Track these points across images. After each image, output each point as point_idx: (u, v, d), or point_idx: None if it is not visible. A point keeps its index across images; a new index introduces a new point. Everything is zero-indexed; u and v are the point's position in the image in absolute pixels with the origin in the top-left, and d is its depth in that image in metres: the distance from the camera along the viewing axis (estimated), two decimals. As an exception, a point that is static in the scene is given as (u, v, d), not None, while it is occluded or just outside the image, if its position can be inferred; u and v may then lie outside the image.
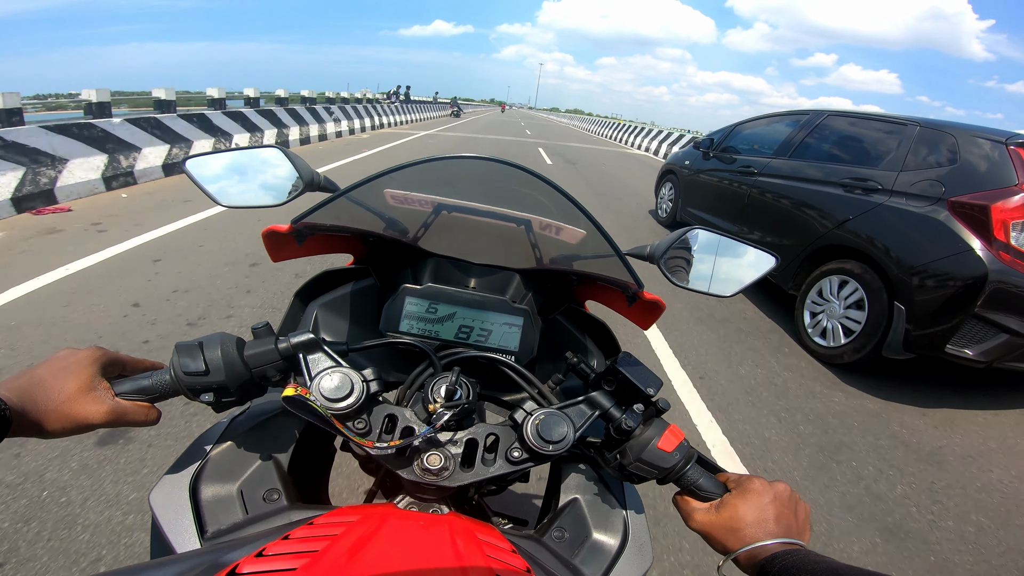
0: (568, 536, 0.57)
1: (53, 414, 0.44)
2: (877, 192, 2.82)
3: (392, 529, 0.41)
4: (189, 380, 0.49)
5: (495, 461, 0.54)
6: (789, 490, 0.53)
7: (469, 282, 0.72)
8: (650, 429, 0.53)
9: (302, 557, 0.34)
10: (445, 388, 0.54)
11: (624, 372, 0.56)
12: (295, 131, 9.58)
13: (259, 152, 0.73)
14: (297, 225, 0.64)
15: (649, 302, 0.69)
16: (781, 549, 0.46)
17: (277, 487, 0.54)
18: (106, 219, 4.21)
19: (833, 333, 2.89)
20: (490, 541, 0.43)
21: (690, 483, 0.54)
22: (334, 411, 0.49)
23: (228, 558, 0.34)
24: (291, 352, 0.51)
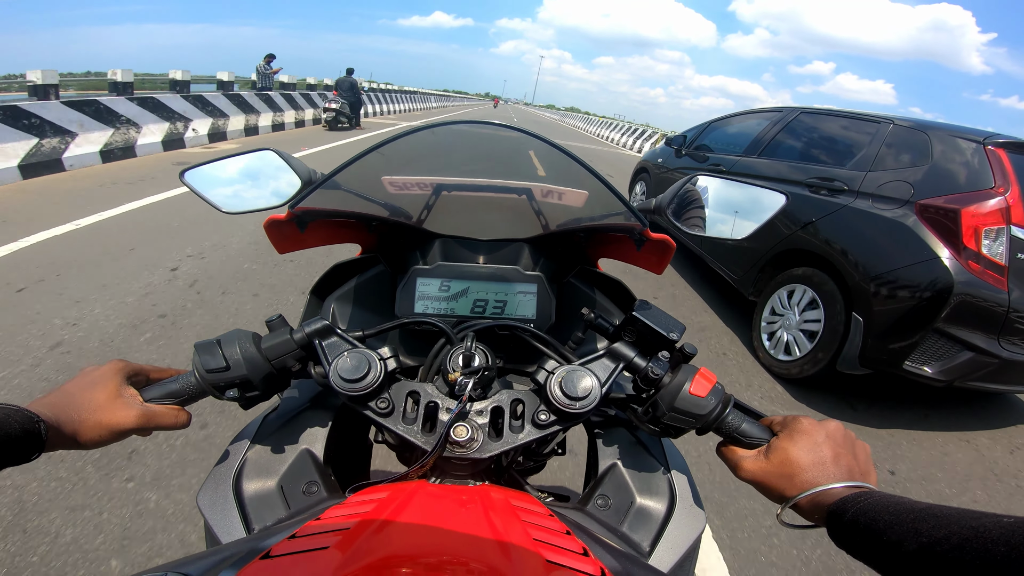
0: (613, 503, 0.56)
1: (86, 424, 0.46)
2: (843, 193, 2.60)
3: (423, 502, 0.40)
4: (212, 378, 0.50)
5: (523, 427, 0.52)
6: (843, 428, 0.50)
7: (479, 258, 0.73)
8: (679, 375, 0.51)
9: (335, 535, 0.35)
10: (462, 356, 0.53)
11: (643, 319, 0.54)
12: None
13: (254, 156, 0.73)
14: (295, 210, 0.63)
15: (657, 242, 0.68)
16: (849, 493, 0.42)
17: (315, 479, 0.55)
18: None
19: (787, 345, 2.75)
20: (525, 507, 0.42)
21: (732, 429, 0.52)
22: (354, 392, 0.49)
23: (265, 544, 0.35)
24: (307, 340, 0.52)
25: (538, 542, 0.36)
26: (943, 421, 2.61)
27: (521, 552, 0.35)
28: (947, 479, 2.15)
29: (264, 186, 0.74)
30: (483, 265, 0.71)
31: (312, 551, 0.33)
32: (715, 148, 4.34)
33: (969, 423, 2.65)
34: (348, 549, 0.33)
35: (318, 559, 0.33)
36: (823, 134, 3.23)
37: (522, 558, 0.34)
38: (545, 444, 0.69)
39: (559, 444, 0.77)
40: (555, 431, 0.53)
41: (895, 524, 0.37)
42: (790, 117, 3.52)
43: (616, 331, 0.58)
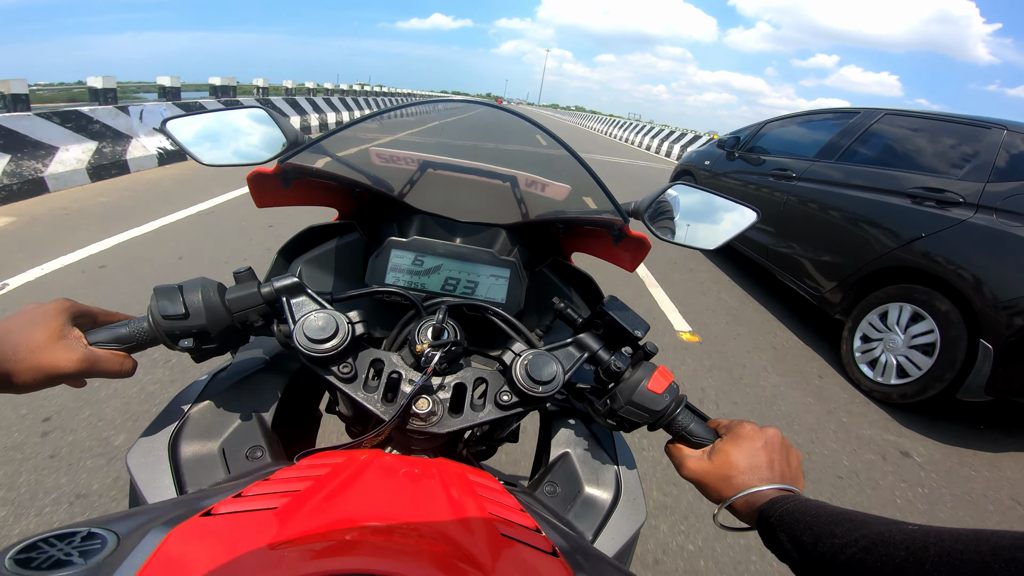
0: (560, 491, 0.58)
1: (22, 364, 0.44)
2: (957, 206, 2.31)
3: (379, 470, 0.40)
4: (168, 324, 0.48)
5: (484, 406, 0.53)
6: (780, 435, 0.53)
7: (456, 238, 0.74)
8: (639, 371, 0.54)
9: (283, 496, 0.34)
10: (432, 328, 0.54)
11: (611, 314, 0.57)
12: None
13: (243, 112, 0.73)
14: (284, 165, 0.64)
15: (634, 239, 0.71)
16: (778, 495, 0.47)
17: (261, 444, 0.54)
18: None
19: (890, 368, 2.61)
20: (482, 482, 0.43)
21: (681, 428, 0.55)
22: (318, 353, 0.48)
23: (204, 503, 0.34)
24: (274, 296, 0.52)
25: (493, 516, 0.37)
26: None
27: (477, 524, 0.35)
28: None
29: (248, 143, 0.74)
30: (458, 244, 0.72)
31: (258, 511, 0.32)
32: (774, 151, 4.22)
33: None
34: (298, 511, 0.32)
35: (264, 519, 0.31)
36: (918, 139, 3.01)
37: (478, 530, 0.34)
38: (501, 429, 0.71)
39: (512, 431, 0.79)
40: (515, 413, 0.54)
41: (814, 525, 0.41)
42: (872, 119, 3.28)
43: (584, 323, 0.61)
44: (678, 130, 18.53)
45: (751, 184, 4.15)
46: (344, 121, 11.36)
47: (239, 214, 4.19)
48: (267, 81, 9.47)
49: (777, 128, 4.38)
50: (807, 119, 4.10)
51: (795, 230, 3.52)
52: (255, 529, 0.30)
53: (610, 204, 0.66)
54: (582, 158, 0.66)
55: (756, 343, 3.14)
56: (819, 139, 3.70)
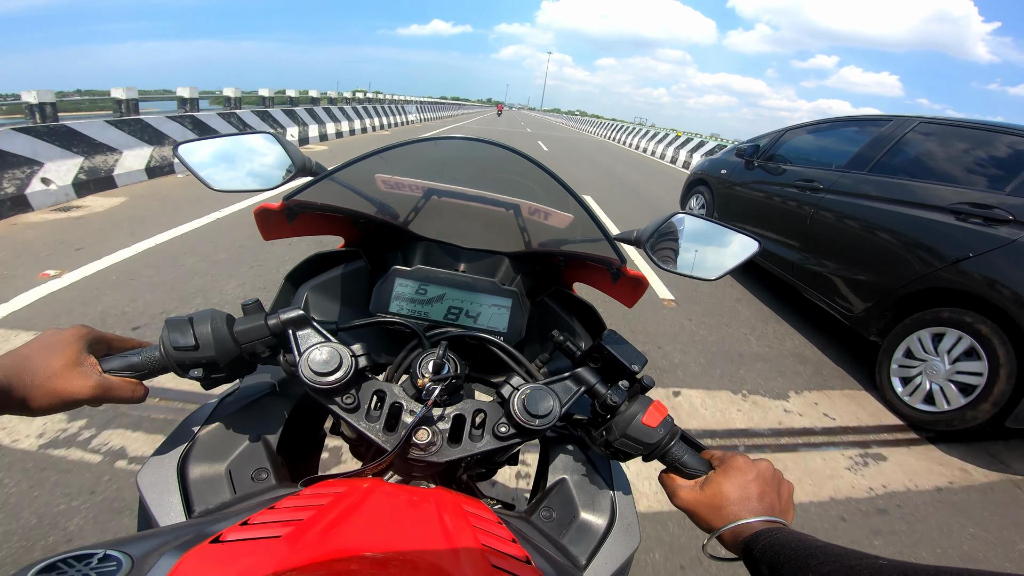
0: (556, 516, 0.60)
1: (39, 390, 0.46)
2: (1007, 224, 2.12)
3: (378, 500, 0.42)
4: (178, 355, 0.51)
5: (483, 437, 0.56)
6: (772, 468, 0.56)
7: (459, 265, 0.77)
8: (635, 405, 0.57)
9: (287, 525, 0.36)
10: (433, 363, 0.57)
11: (609, 349, 0.59)
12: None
13: (251, 138, 0.77)
14: (289, 202, 0.67)
15: (632, 278, 0.74)
16: (764, 527, 0.48)
17: (266, 467, 0.57)
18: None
19: (932, 394, 2.50)
20: (477, 513, 0.45)
21: (675, 460, 0.57)
22: (322, 386, 0.51)
23: (213, 528, 0.36)
24: (280, 328, 0.54)
25: (486, 547, 0.38)
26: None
27: (469, 555, 0.37)
28: None
29: (257, 169, 0.77)
30: (461, 274, 0.74)
31: (264, 539, 0.34)
32: (796, 160, 4.07)
33: None
34: (300, 540, 0.34)
35: (269, 547, 0.33)
36: (959, 149, 2.85)
37: (469, 561, 0.36)
38: (501, 453, 0.69)
39: (512, 455, 0.80)
40: (512, 444, 0.56)
41: (792, 558, 0.42)
42: (907, 128, 3.11)
43: (582, 356, 0.63)
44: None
45: (773, 196, 4.00)
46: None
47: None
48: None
49: (799, 136, 4.22)
50: (831, 127, 3.93)
51: (824, 246, 3.36)
52: (261, 557, 0.32)
53: (606, 241, 0.67)
54: (579, 196, 0.69)
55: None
56: (847, 149, 3.55)
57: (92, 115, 6.10)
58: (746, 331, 3.45)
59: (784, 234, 3.75)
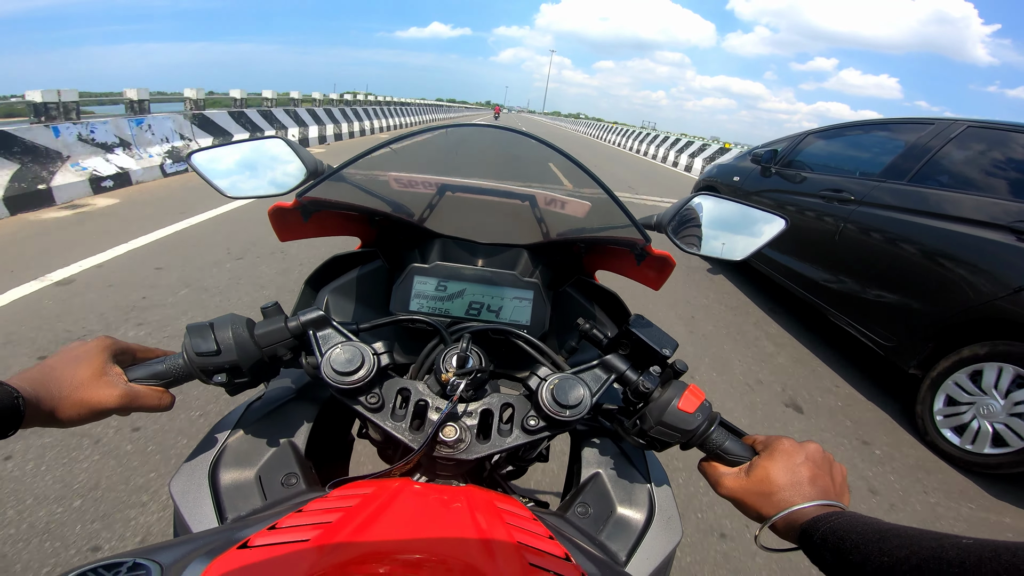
0: (592, 512, 0.59)
1: (67, 401, 0.48)
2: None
3: (408, 500, 0.42)
4: (201, 361, 0.52)
5: (512, 431, 0.55)
6: (821, 450, 0.53)
7: (477, 260, 0.77)
8: (669, 390, 0.55)
9: (315, 528, 0.36)
10: (456, 357, 0.56)
11: (638, 334, 0.58)
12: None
13: (263, 144, 0.79)
14: (302, 200, 0.67)
15: (658, 258, 0.72)
16: (822, 512, 0.46)
17: (295, 471, 0.57)
18: None
19: (984, 435, 2.25)
20: (510, 510, 0.45)
21: (716, 446, 0.55)
22: (345, 385, 0.52)
23: (241, 534, 0.36)
24: (301, 330, 0.56)
25: (521, 545, 0.38)
26: None
27: (504, 554, 0.36)
28: None
29: (270, 174, 0.77)
30: (481, 268, 0.74)
31: (292, 543, 0.34)
32: (820, 167, 3.82)
33: None
34: (330, 543, 0.34)
35: (298, 551, 0.33)
36: (1015, 158, 2.43)
37: (505, 559, 0.36)
38: (531, 449, 0.70)
39: (543, 450, 0.78)
40: (543, 437, 0.55)
41: (861, 543, 0.40)
42: (952, 133, 2.74)
43: (610, 343, 0.62)
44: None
45: (795, 206, 3.74)
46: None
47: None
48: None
49: (822, 141, 3.91)
50: (861, 131, 3.63)
51: (857, 264, 3.05)
52: (289, 562, 0.33)
53: (628, 221, 0.67)
54: (597, 177, 0.68)
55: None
56: (880, 156, 3.28)
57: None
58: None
59: (807, 250, 3.47)
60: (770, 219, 0.73)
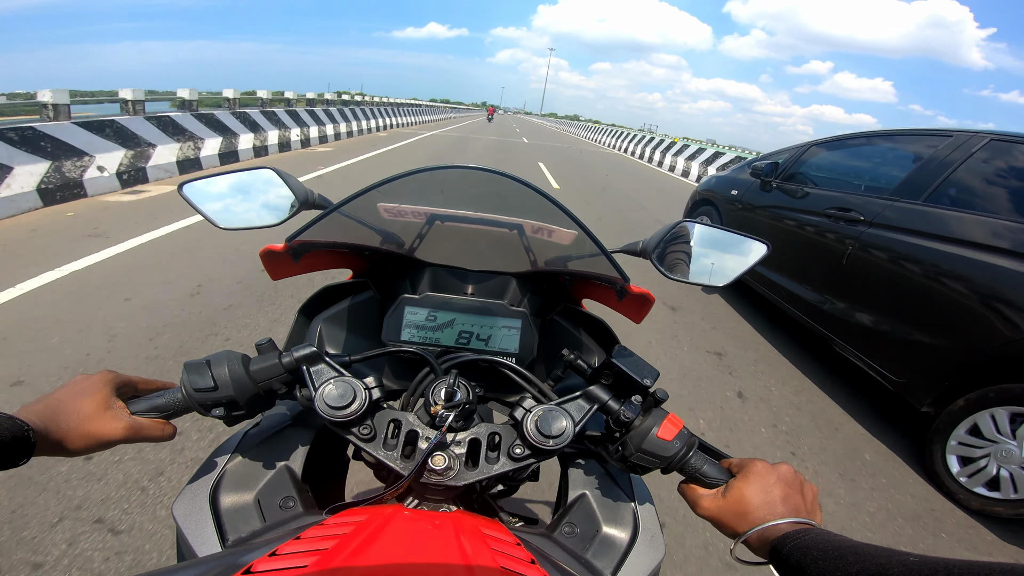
0: (579, 531, 0.61)
1: (74, 433, 0.50)
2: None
3: (398, 527, 0.45)
4: (199, 396, 0.55)
5: (498, 459, 0.59)
6: (793, 471, 0.56)
7: (467, 289, 0.81)
8: (649, 419, 0.58)
9: (313, 555, 0.38)
10: (444, 390, 0.60)
11: (619, 364, 0.60)
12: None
13: (253, 173, 0.81)
14: (292, 244, 0.71)
15: (637, 295, 0.76)
16: (792, 529, 0.49)
17: (292, 495, 0.60)
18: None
19: (1000, 481, 2.08)
20: (495, 535, 0.47)
21: (694, 471, 0.58)
22: (338, 419, 0.55)
23: (244, 560, 0.39)
24: (295, 365, 0.58)
25: (504, 570, 0.40)
26: None
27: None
28: None
29: (261, 204, 0.79)
30: (470, 298, 0.78)
31: (292, 569, 0.36)
32: (824, 182, 3.57)
33: None
34: (326, 569, 0.36)
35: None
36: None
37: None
38: (520, 472, 0.71)
39: (533, 471, 0.81)
40: (528, 464, 0.59)
41: (821, 559, 0.42)
42: (974, 147, 2.49)
43: (594, 373, 0.65)
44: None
45: (796, 225, 3.47)
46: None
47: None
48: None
49: (826, 153, 3.67)
50: (867, 142, 3.40)
51: (866, 290, 2.81)
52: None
53: (608, 262, 0.70)
54: (578, 218, 0.70)
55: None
56: (892, 171, 3.05)
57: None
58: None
59: (810, 272, 3.22)
60: (752, 245, 0.75)
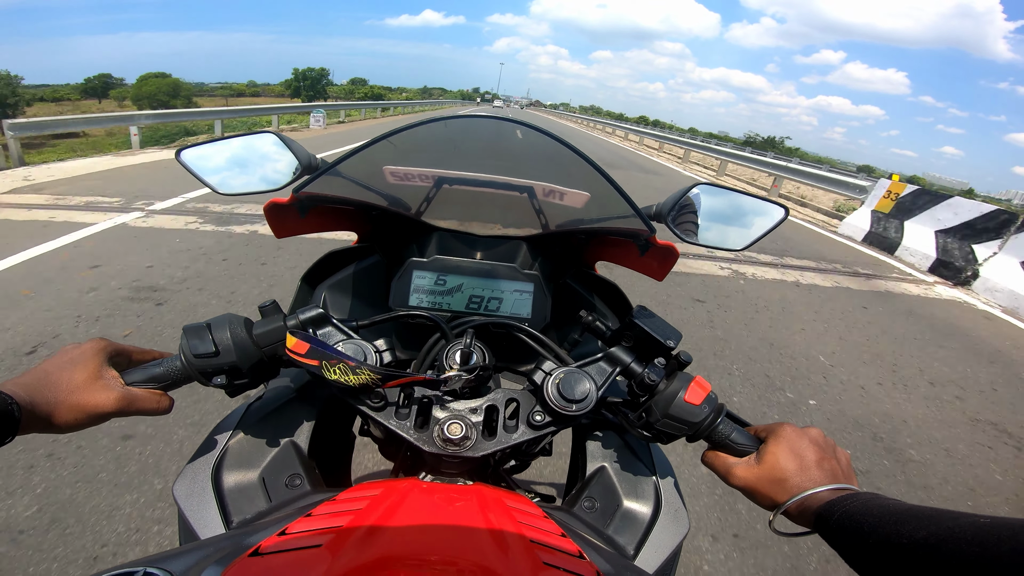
0: (599, 506, 0.59)
1: (63, 406, 0.47)
2: None
3: (418, 500, 0.42)
4: (200, 363, 0.52)
5: (517, 427, 0.55)
6: (823, 435, 0.54)
7: (476, 253, 0.76)
8: (675, 382, 0.54)
9: (327, 533, 0.36)
10: (460, 353, 0.56)
11: (641, 325, 0.58)
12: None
13: (255, 138, 0.77)
14: (299, 195, 0.67)
15: (662, 248, 0.71)
16: (835, 496, 0.46)
17: (299, 472, 0.57)
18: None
19: None
20: (520, 508, 0.45)
21: (723, 438, 0.55)
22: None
23: (251, 540, 0.36)
24: (300, 328, 0.55)
25: (534, 544, 0.38)
26: None
27: (518, 553, 0.36)
28: None
29: (263, 169, 0.76)
30: (480, 261, 0.74)
31: (304, 549, 0.34)
32: None
33: None
34: (342, 548, 0.34)
35: (311, 558, 0.33)
36: None
37: (519, 558, 0.36)
38: (534, 444, 0.70)
39: (546, 444, 0.79)
40: (548, 432, 0.56)
41: (878, 526, 0.40)
42: None
43: (614, 336, 0.62)
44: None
45: None
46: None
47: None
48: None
49: None
50: None
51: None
52: (303, 568, 0.32)
53: (632, 211, 0.66)
54: (599, 165, 0.67)
55: None
56: None
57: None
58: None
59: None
60: (770, 208, 0.73)
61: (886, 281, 5.24)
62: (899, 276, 5.61)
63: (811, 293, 4.39)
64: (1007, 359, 3.66)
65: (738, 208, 0.73)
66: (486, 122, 0.69)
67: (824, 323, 3.72)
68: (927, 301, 4.80)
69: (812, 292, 4.43)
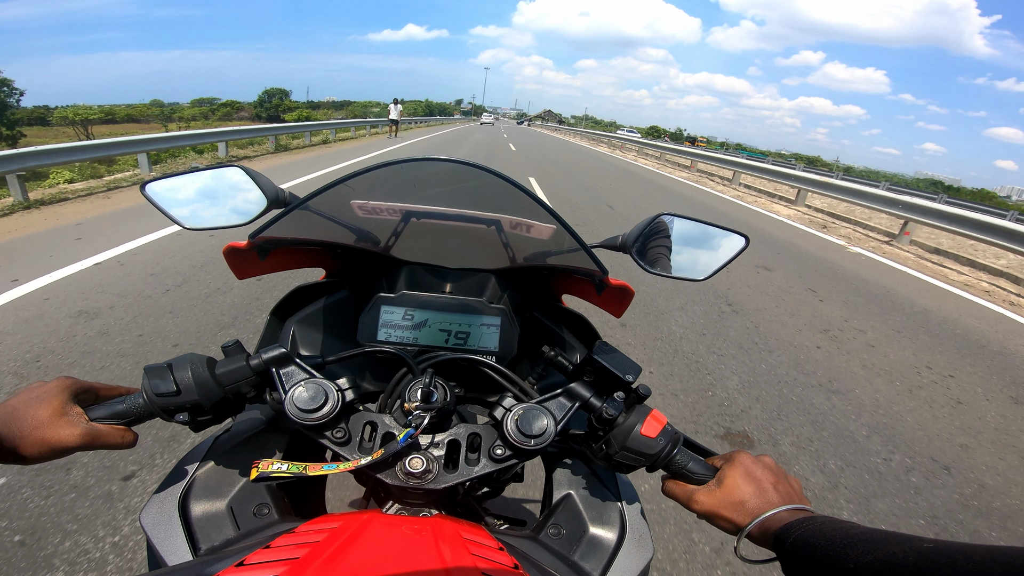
0: (565, 532, 0.60)
1: (27, 440, 0.49)
2: None
3: (375, 533, 0.43)
4: (161, 401, 0.53)
5: (479, 460, 0.57)
6: (775, 462, 0.56)
7: (445, 287, 0.77)
8: (632, 416, 0.57)
9: (283, 564, 0.36)
10: (420, 391, 0.57)
11: (601, 361, 0.59)
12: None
13: (221, 172, 0.77)
14: (255, 240, 0.66)
15: (616, 288, 0.74)
16: (793, 517, 0.48)
17: (267, 502, 0.58)
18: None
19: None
20: (476, 540, 0.46)
21: (680, 468, 0.57)
22: (310, 422, 0.53)
23: (210, 570, 0.37)
24: (263, 367, 0.56)
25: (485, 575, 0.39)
26: None
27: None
28: None
29: (229, 203, 0.75)
30: (448, 296, 0.75)
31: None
32: None
33: None
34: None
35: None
36: None
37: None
38: (504, 472, 0.69)
39: (517, 472, 0.79)
40: (510, 465, 0.57)
41: (829, 549, 0.40)
42: None
43: (575, 370, 0.64)
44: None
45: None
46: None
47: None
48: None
49: None
50: None
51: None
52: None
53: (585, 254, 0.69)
54: (553, 209, 0.68)
55: None
56: None
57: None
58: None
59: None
60: (732, 238, 0.73)
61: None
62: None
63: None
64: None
65: (700, 237, 0.74)
66: (447, 165, 0.67)
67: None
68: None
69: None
